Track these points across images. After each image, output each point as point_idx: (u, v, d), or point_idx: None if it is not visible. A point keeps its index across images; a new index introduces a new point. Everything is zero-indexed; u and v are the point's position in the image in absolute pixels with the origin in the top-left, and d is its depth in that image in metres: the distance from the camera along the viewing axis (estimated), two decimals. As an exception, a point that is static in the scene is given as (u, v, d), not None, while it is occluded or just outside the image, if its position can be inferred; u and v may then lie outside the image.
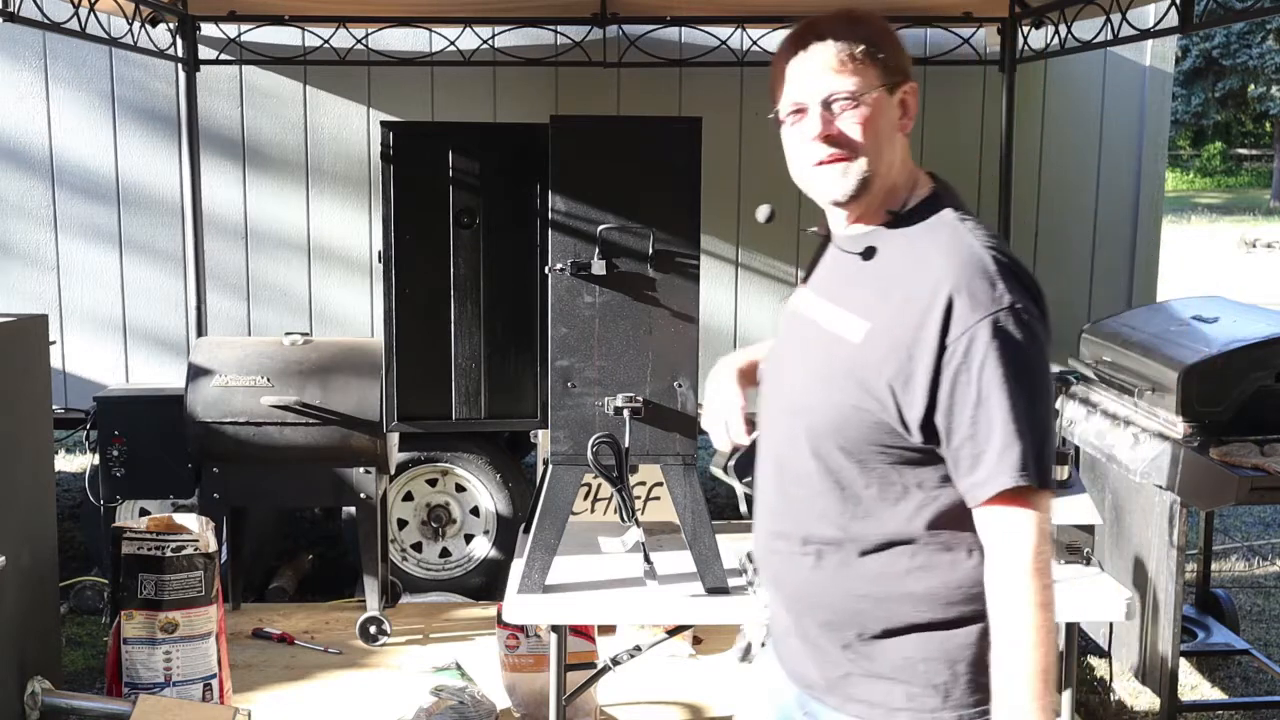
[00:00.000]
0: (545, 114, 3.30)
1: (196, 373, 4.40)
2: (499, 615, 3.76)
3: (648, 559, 2.99)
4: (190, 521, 3.82)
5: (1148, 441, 3.89)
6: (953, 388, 1.71)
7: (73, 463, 7.08)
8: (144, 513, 4.87)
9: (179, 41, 5.20)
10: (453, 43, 5.34)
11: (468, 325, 3.37)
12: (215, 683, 3.72)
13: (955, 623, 1.80)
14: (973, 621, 1.79)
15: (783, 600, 1.97)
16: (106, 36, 4.69)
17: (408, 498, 5.23)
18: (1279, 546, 6.37)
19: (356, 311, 5.52)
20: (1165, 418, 3.87)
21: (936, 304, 1.71)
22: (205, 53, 5.32)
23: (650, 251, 2.99)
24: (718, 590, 3.01)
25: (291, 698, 4.06)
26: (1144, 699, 4.36)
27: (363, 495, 4.45)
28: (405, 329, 3.36)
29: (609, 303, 3.00)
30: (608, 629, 4.02)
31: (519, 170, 3.31)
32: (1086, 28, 4.90)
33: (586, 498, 4.40)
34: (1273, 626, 5.24)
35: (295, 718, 3.92)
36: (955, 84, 5.56)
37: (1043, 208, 5.72)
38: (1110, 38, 4.69)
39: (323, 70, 5.39)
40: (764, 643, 2.12)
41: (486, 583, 5.14)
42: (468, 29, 5.33)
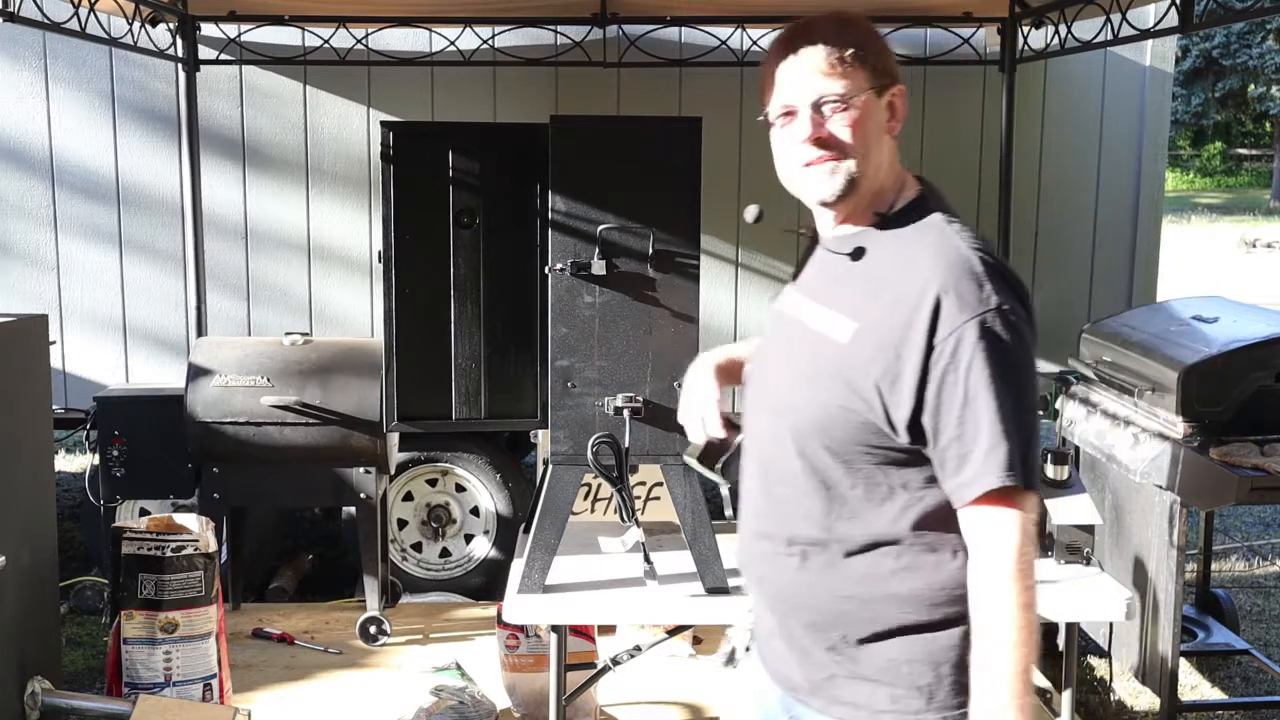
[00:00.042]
0: (545, 114, 3.30)
1: (196, 373, 4.40)
2: (499, 615, 3.76)
3: (648, 559, 2.99)
4: (190, 521, 3.82)
5: (1148, 441, 3.89)
6: (940, 388, 1.71)
7: (73, 463, 7.08)
8: (144, 513, 4.87)
9: (179, 41, 5.20)
10: (453, 43, 5.34)
11: (468, 325, 3.37)
12: (215, 683, 3.72)
13: (939, 624, 1.80)
14: (957, 623, 1.79)
15: (767, 602, 1.97)
16: (106, 36, 4.69)
17: (408, 498, 5.23)
18: (1279, 546, 6.37)
19: (356, 311, 5.52)
20: (1165, 418, 3.87)
21: (924, 304, 1.72)
22: (205, 53, 5.32)
23: (650, 251, 2.99)
24: (718, 590, 3.01)
25: (291, 698, 4.06)
26: (1144, 699, 4.36)
27: (363, 495, 4.45)
28: (405, 329, 3.36)
29: (609, 303, 3.00)
30: (608, 629, 4.02)
31: (519, 170, 3.31)
32: (1086, 28, 4.90)
33: (586, 498, 4.40)
34: (1273, 626, 5.24)
35: (295, 718, 3.92)
36: (955, 84, 5.56)
37: (1043, 208, 5.72)
38: (1110, 38, 4.69)
39: (323, 70, 5.39)
40: (748, 646, 2.12)
41: (486, 583, 5.13)
42: (468, 29, 5.33)
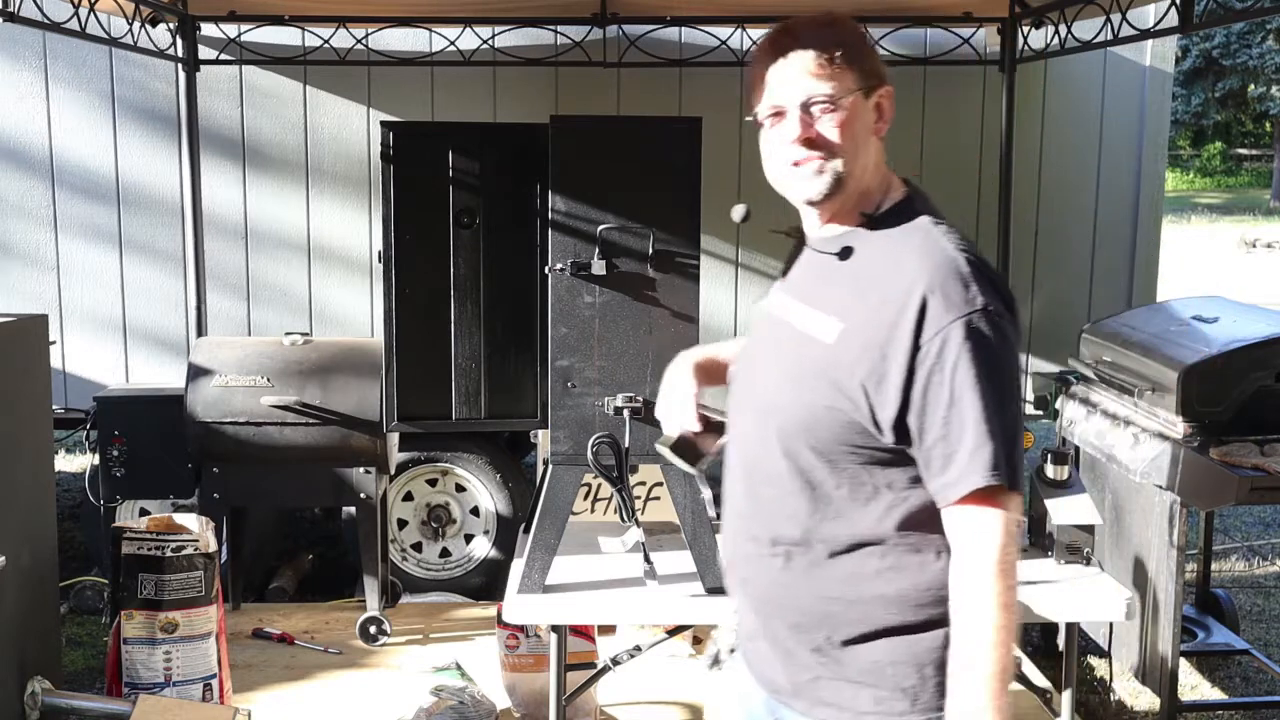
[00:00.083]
0: (545, 114, 3.30)
1: (196, 373, 4.40)
2: (499, 615, 3.76)
3: (648, 559, 2.99)
4: (190, 521, 3.82)
5: (1148, 441, 3.89)
6: (926, 388, 1.72)
7: (73, 463, 7.08)
8: (144, 513, 4.87)
9: (179, 41, 5.20)
10: (453, 43, 5.34)
11: (468, 325, 3.37)
12: (215, 683, 3.72)
13: (924, 625, 1.80)
14: (941, 625, 1.79)
15: (751, 603, 1.97)
16: (106, 36, 4.69)
17: (408, 498, 5.23)
18: (1279, 546, 6.37)
19: (356, 311, 5.52)
20: (1165, 418, 3.87)
21: (910, 304, 1.73)
22: (205, 53, 5.32)
23: (650, 251, 2.99)
24: (718, 590, 3.01)
25: (291, 698, 4.06)
26: (1144, 699, 4.36)
27: (363, 495, 4.45)
28: (405, 329, 3.36)
29: (609, 303, 3.00)
30: (608, 629, 4.02)
31: (519, 170, 3.31)
32: (1086, 28, 4.90)
33: (586, 498, 4.40)
34: (1273, 626, 5.24)
35: (295, 718, 3.92)
36: (955, 84, 5.56)
37: (1043, 208, 5.71)
38: (1110, 38, 4.69)
39: (323, 70, 5.39)
40: (733, 648, 2.12)
41: (486, 583, 5.13)
42: (468, 29, 5.32)
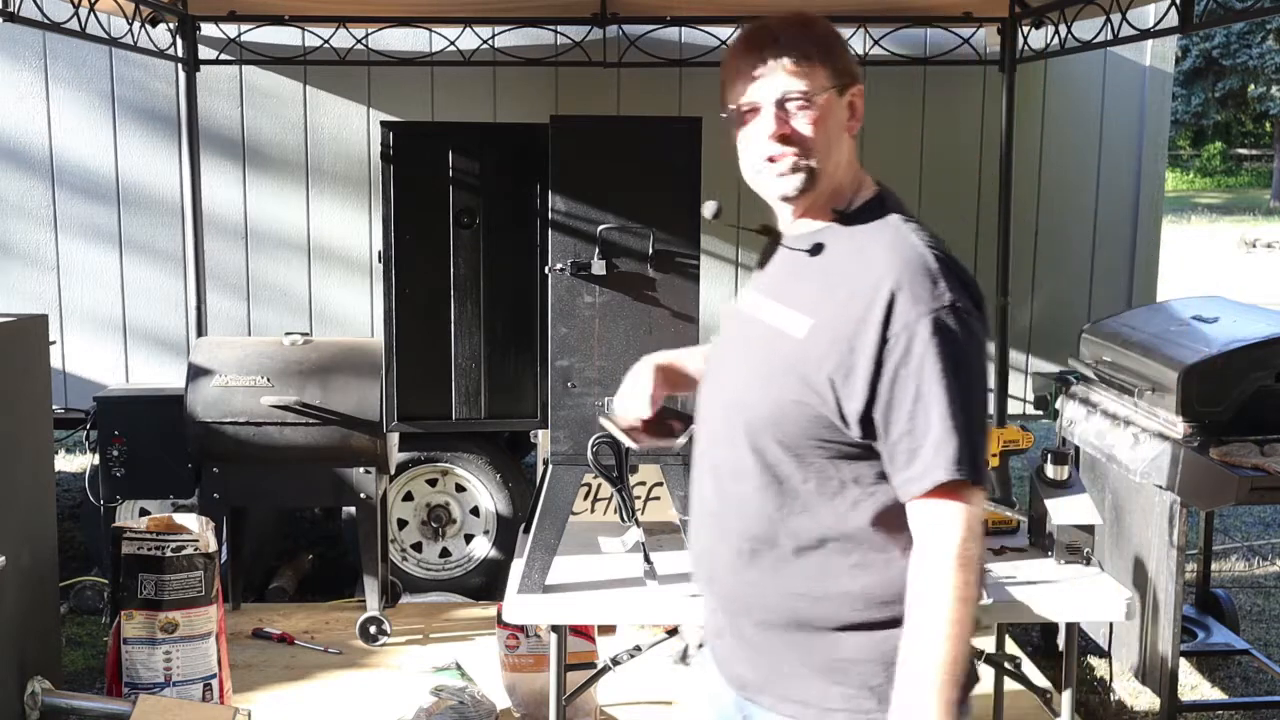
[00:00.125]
0: (545, 114, 3.30)
1: (196, 373, 4.40)
2: (499, 615, 3.76)
3: (648, 559, 2.99)
4: (190, 521, 3.82)
5: (1148, 441, 3.89)
6: (893, 382, 1.73)
7: (73, 463, 7.08)
8: (144, 513, 4.86)
9: (179, 41, 5.20)
10: (453, 43, 5.34)
11: (468, 325, 3.37)
12: (215, 683, 3.72)
13: (891, 623, 1.79)
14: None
15: (719, 601, 1.97)
16: (106, 36, 4.68)
17: (408, 498, 5.23)
18: (1279, 546, 6.37)
19: (356, 311, 5.52)
20: (1165, 418, 3.87)
21: (879, 299, 1.74)
22: (205, 53, 5.31)
23: (650, 251, 2.99)
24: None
25: (291, 698, 4.06)
26: (1144, 699, 4.36)
27: (363, 495, 4.45)
28: (405, 329, 3.36)
29: (609, 303, 3.00)
30: (608, 629, 4.02)
31: (519, 170, 3.31)
32: (1086, 28, 4.90)
33: (586, 498, 4.39)
34: (1273, 626, 5.24)
35: (295, 718, 3.92)
36: (955, 84, 5.56)
37: (1043, 208, 5.71)
38: (1110, 38, 4.69)
39: (323, 70, 5.39)
40: (700, 644, 2.12)
41: (486, 583, 5.13)
42: (468, 29, 5.32)
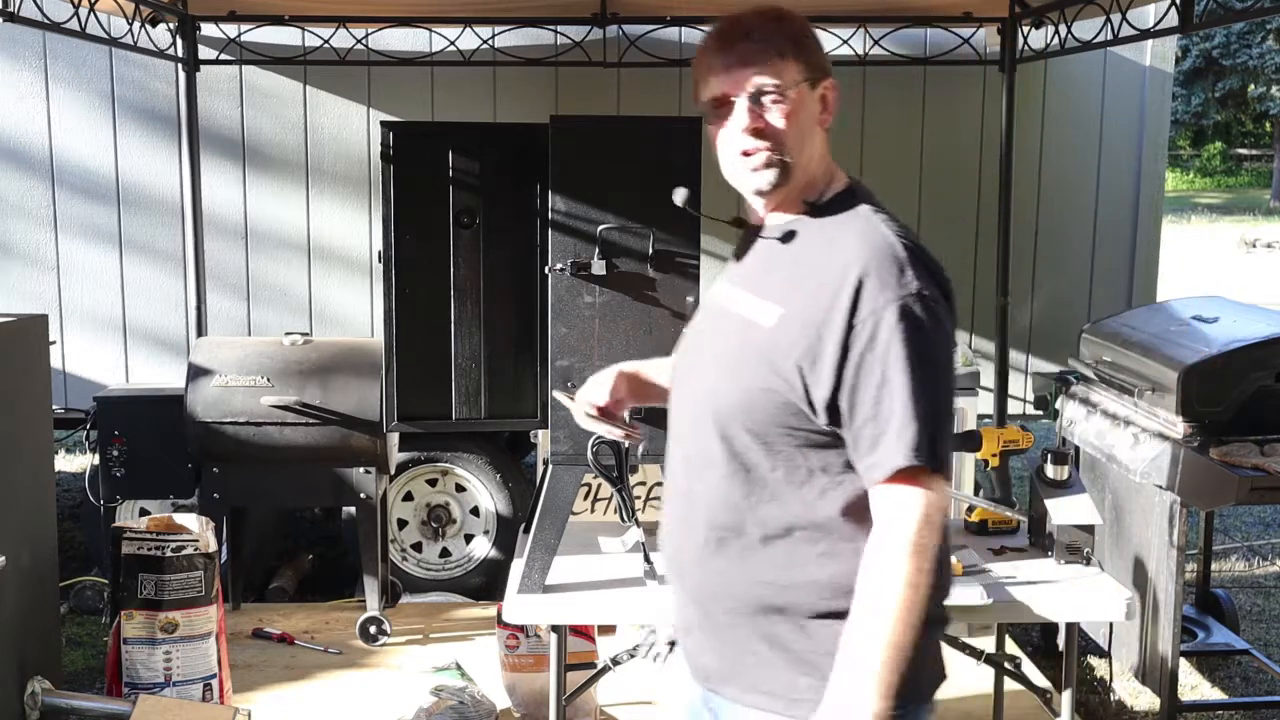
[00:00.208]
0: (545, 114, 3.30)
1: (196, 373, 4.40)
2: (499, 615, 3.76)
3: (648, 559, 2.99)
4: (190, 521, 3.82)
5: (1148, 441, 3.89)
6: (858, 368, 1.74)
7: (73, 463, 7.08)
8: (144, 513, 4.86)
9: (179, 41, 5.20)
10: (453, 43, 5.34)
11: (468, 325, 3.37)
12: (215, 683, 3.72)
13: None
14: None
15: (688, 594, 1.97)
16: (106, 36, 4.68)
17: (408, 498, 5.23)
18: (1279, 546, 6.37)
19: (356, 311, 5.52)
20: (1165, 418, 3.87)
21: (846, 286, 1.75)
22: (205, 53, 5.31)
23: (650, 251, 2.99)
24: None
25: (291, 698, 4.06)
26: (1144, 699, 4.36)
27: (363, 495, 4.45)
28: (405, 329, 3.36)
29: (609, 303, 3.00)
30: (608, 629, 4.02)
31: (519, 170, 3.31)
32: (1086, 28, 4.90)
33: (586, 498, 4.40)
34: (1273, 626, 5.24)
35: (295, 718, 3.92)
36: (955, 84, 5.56)
37: (1043, 208, 5.71)
38: (1110, 38, 4.69)
39: (323, 70, 5.39)
40: (672, 642, 2.12)
41: (486, 583, 5.13)
42: (468, 29, 5.32)
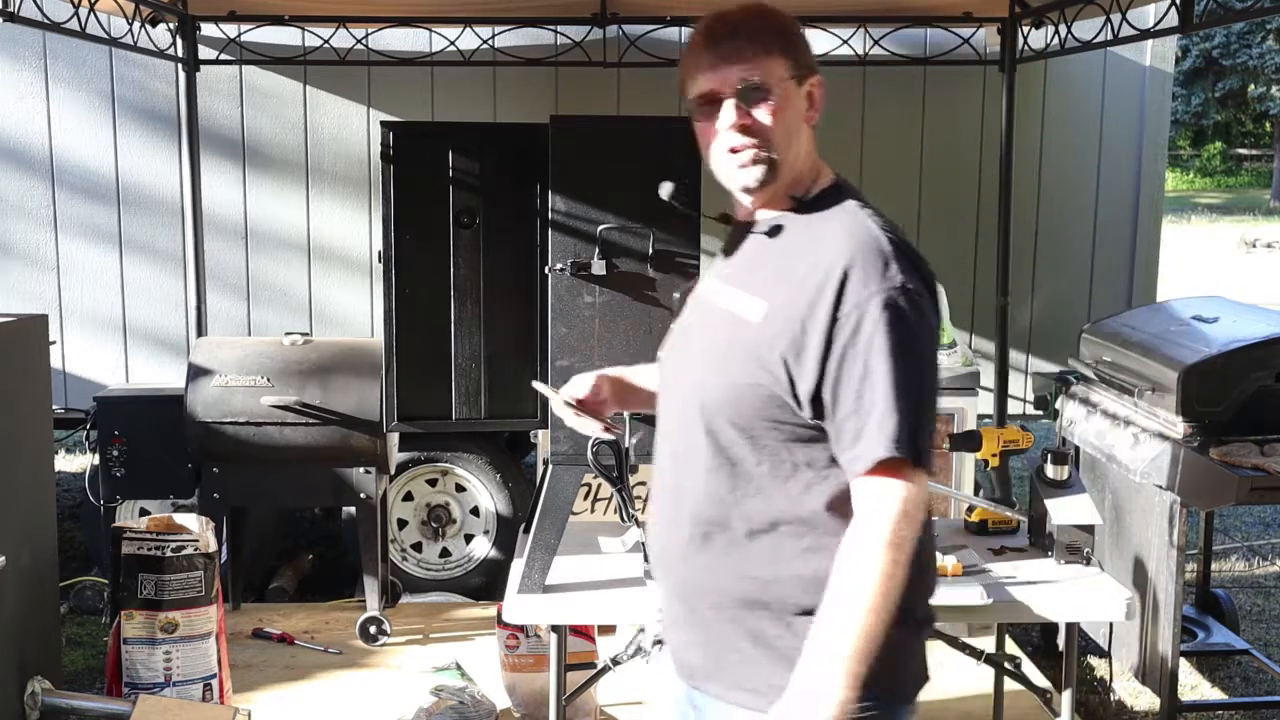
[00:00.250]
0: (545, 114, 3.30)
1: (196, 373, 4.40)
2: (499, 615, 3.76)
3: (648, 559, 2.99)
4: (190, 521, 3.82)
5: (1148, 441, 3.89)
6: (841, 360, 1.74)
7: (73, 463, 7.08)
8: (144, 513, 4.86)
9: (179, 41, 5.20)
10: (453, 43, 5.34)
11: (468, 325, 3.37)
12: (215, 683, 3.72)
13: None
14: None
15: (674, 590, 1.98)
16: (106, 36, 4.68)
17: (408, 498, 5.23)
18: (1279, 546, 6.37)
19: (356, 311, 5.52)
20: (1165, 418, 3.87)
21: (831, 279, 1.76)
22: (205, 53, 5.31)
23: (650, 251, 2.99)
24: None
25: (291, 698, 4.06)
26: (1144, 699, 4.36)
27: (363, 495, 4.45)
28: (405, 329, 3.36)
29: (609, 303, 3.00)
30: (608, 629, 4.02)
31: (519, 170, 3.32)
32: (1086, 28, 4.90)
33: (586, 498, 4.40)
34: (1273, 626, 5.24)
35: (295, 718, 3.92)
36: (955, 84, 5.56)
37: (1043, 208, 5.71)
38: (1110, 38, 4.69)
39: (323, 70, 5.39)
40: (658, 640, 2.12)
41: (486, 583, 5.13)
42: (468, 29, 5.32)
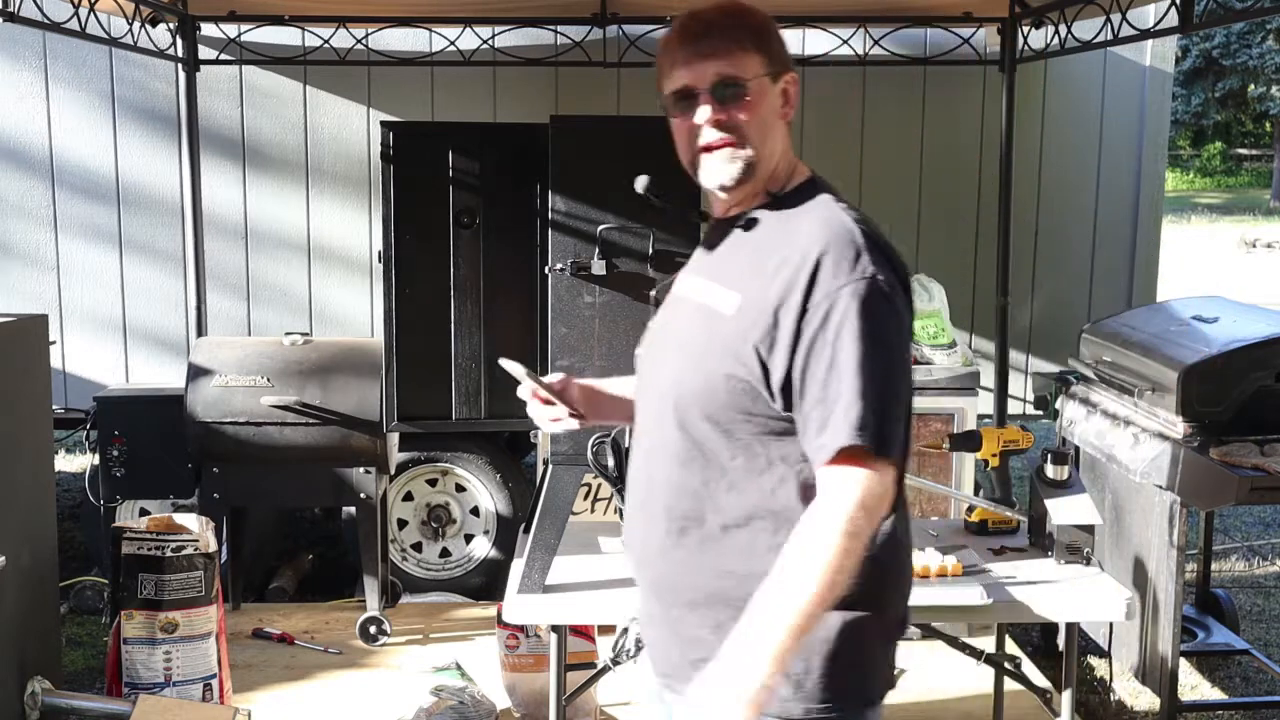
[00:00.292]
0: (545, 114, 3.30)
1: (196, 373, 4.40)
2: (499, 615, 3.76)
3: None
4: (190, 521, 3.82)
5: (1148, 441, 3.89)
6: (809, 350, 1.74)
7: (73, 463, 7.08)
8: (144, 513, 4.86)
9: (179, 41, 5.20)
10: (453, 43, 5.34)
11: (468, 325, 3.37)
12: (215, 683, 3.72)
13: None
14: (835, 608, 1.77)
15: (650, 586, 1.98)
16: (106, 36, 4.68)
17: (408, 498, 5.23)
18: (1279, 546, 6.37)
19: (356, 311, 5.52)
20: (1165, 418, 3.87)
21: (803, 270, 1.76)
22: (205, 53, 5.31)
23: (650, 251, 2.99)
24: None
25: (291, 698, 4.06)
26: (1144, 699, 4.36)
27: (363, 495, 4.45)
28: (405, 329, 3.36)
29: (609, 303, 3.00)
30: (608, 629, 4.02)
31: (519, 170, 3.32)
32: (1086, 28, 4.90)
33: (586, 498, 4.40)
34: (1273, 626, 5.24)
35: (295, 718, 3.92)
36: (955, 84, 5.56)
37: (1043, 208, 5.71)
38: (1110, 38, 4.69)
39: (323, 70, 5.39)
40: (639, 639, 2.12)
41: (486, 583, 5.13)
42: (468, 29, 5.32)
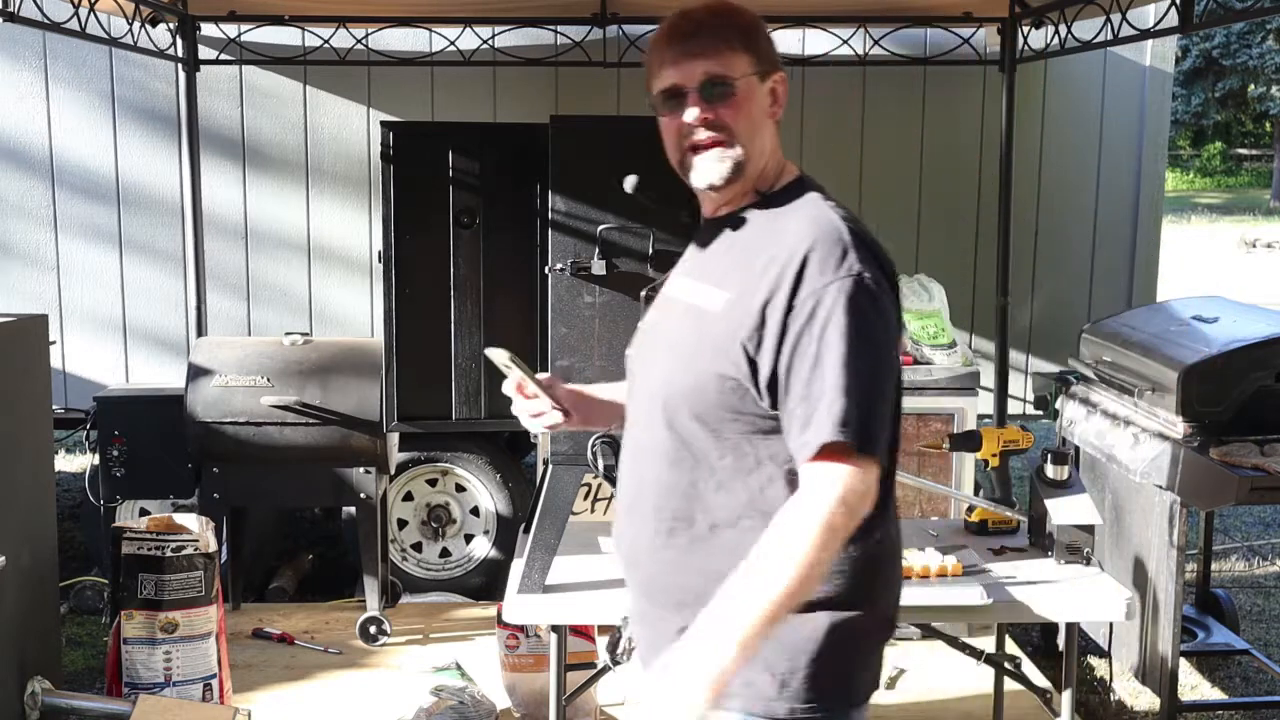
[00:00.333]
0: (545, 114, 3.30)
1: (196, 373, 4.40)
2: (499, 615, 3.76)
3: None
4: (190, 521, 3.82)
5: (1148, 441, 3.89)
6: (795, 347, 1.74)
7: (73, 463, 7.08)
8: (144, 513, 4.86)
9: (179, 41, 5.20)
10: (453, 43, 5.34)
11: (468, 325, 3.37)
12: (215, 683, 3.72)
13: (804, 608, 1.76)
14: (822, 608, 1.78)
15: (639, 586, 1.98)
16: (106, 36, 4.68)
17: (408, 498, 5.23)
18: (1279, 546, 6.37)
19: (356, 311, 5.52)
20: (1165, 418, 3.87)
21: (790, 266, 1.76)
22: (205, 53, 5.31)
23: (650, 251, 2.99)
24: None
25: (291, 698, 4.06)
26: (1144, 699, 4.36)
27: (363, 495, 4.45)
28: (405, 329, 3.36)
29: (609, 303, 3.00)
30: (608, 629, 4.02)
31: (519, 170, 3.32)
32: (1086, 28, 4.90)
33: (586, 498, 4.40)
34: (1273, 626, 5.24)
35: (295, 718, 3.92)
36: (955, 84, 5.56)
37: (1043, 208, 5.71)
38: (1110, 38, 4.69)
39: (323, 70, 5.39)
40: (631, 638, 2.12)
41: (486, 583, 5.13)
42: (468, 29, 5.32)
